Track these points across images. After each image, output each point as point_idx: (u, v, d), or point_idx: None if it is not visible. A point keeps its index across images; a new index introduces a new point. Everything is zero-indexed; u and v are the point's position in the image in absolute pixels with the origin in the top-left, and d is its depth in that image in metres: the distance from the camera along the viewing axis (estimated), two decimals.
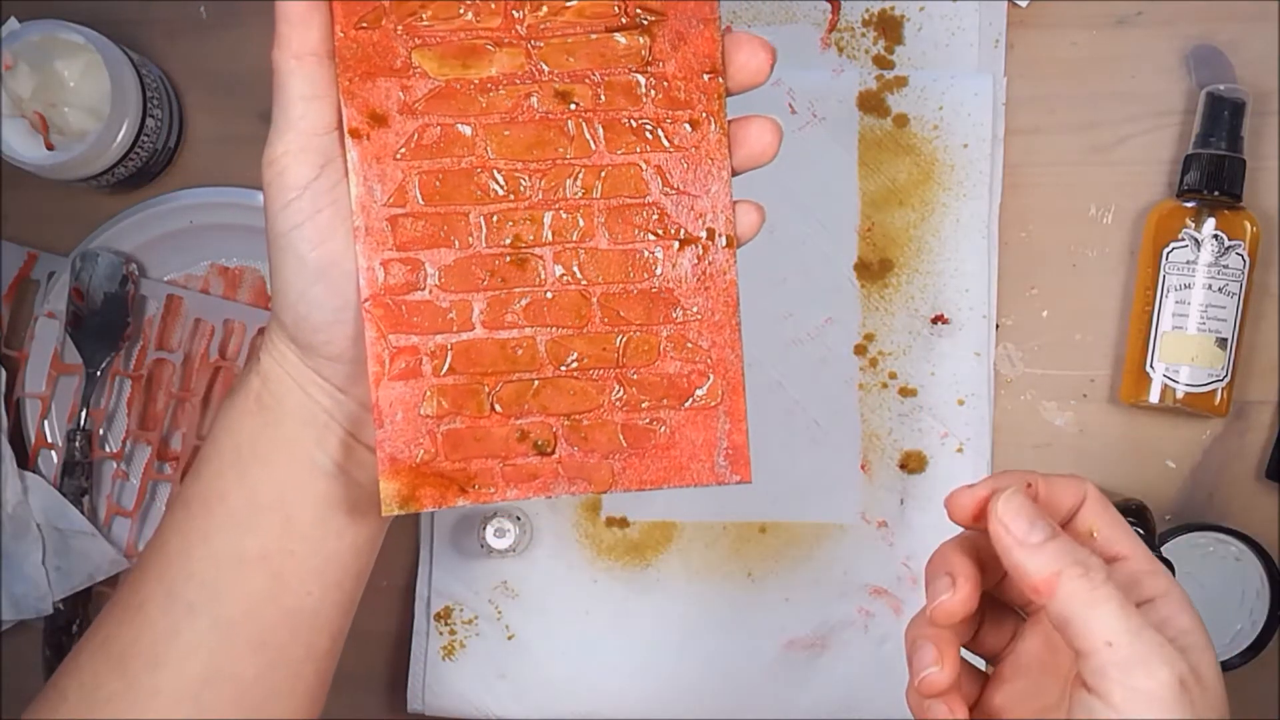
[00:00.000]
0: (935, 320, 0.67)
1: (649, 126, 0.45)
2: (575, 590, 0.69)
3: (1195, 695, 0.38)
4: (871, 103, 0.67)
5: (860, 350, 0.68)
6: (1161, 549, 0.59)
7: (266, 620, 0.47)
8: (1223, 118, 0.64)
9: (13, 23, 0.64)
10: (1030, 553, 0.39)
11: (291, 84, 0.43)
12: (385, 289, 0.45)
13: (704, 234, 0.46)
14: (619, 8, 0.44)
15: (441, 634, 0.69)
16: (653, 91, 0.45)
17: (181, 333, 0.70)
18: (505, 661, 0.69)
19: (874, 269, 0.67)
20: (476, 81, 0.44)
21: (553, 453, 0.47)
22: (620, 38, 0.45)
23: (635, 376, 0.47)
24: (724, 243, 0.46)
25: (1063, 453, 0.68)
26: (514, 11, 0.44)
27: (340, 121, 0.44)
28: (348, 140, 0.44)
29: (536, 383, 0.46)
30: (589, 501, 0.69)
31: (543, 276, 0.46)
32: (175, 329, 0.70)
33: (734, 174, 0.45)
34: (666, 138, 0.45)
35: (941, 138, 0.67)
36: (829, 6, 0.68)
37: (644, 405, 0.46)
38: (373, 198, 0.44)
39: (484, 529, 0.66)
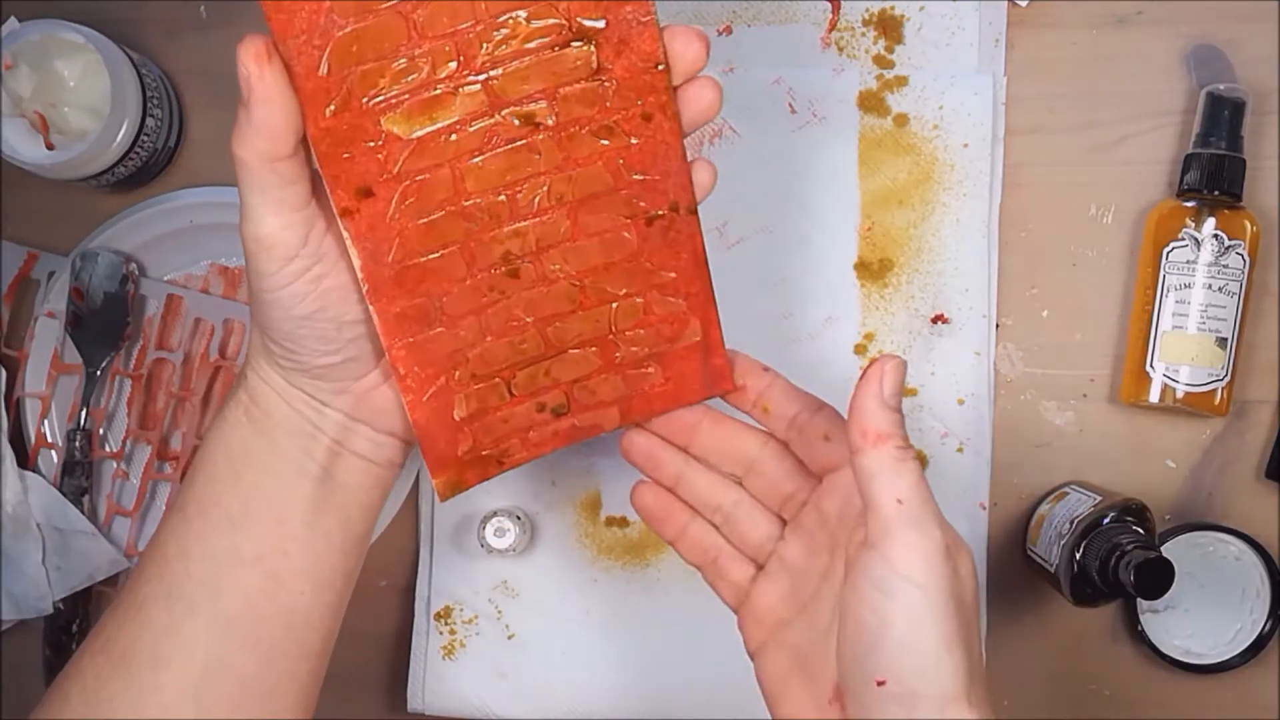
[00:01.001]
0: (935, 320, 0.67)
1: (604, 128, 0.48)
2: (575, 590, 0.69)
3: (957, 562, 0.44)
4: (871, 102, 0.67)
5: (860, 350, 0.68)
6: (1161, 549, 0.59)
7: (263, 618, 0.48)
8: (1223, 117, 0.64)
9: (13, 22, 0.64)
10: (885, 409, 0.45)
11: (263, 178, 0.43)
12: (403, 334, 0.49)
13: (669, 208, 0.50)
14: (563, 25, 0.46)
15: (441, 633, 0.69)
16: (605, 94, 0.47)
17: (181, 332, 0.70)
18: (505, 661, 0.69)
19: (874, 268, 0.67)
20: (443, 129, 0.46)
21: (568, 413, 0.53)
22: (568, 52, 0.46)
23: (628, 336, 0.52)
24: (686, 211, 0.50)
25: (1063, 452, 0.68)
26: (467, 53, 0.45)
27: (314, 187, 0.45)
28: (340, 220, 0.46)
29: (545, 364, 0.52)
30: (589, 501, 0.69)
31: (535, 279, 0.50)
32: (175, 328, 0.70)
33: (685, 134, 0.48)
34: (625, 133, 0.48)
35: (941, 137, 0.67)
36: (829, 6, 0.68)
37: (640, 354, 0.52)
38: (375, 262, 0.47)
39: (484, 529, 0.66)
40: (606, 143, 0.48)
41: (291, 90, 0.42)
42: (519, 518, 0.67)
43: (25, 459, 0.69)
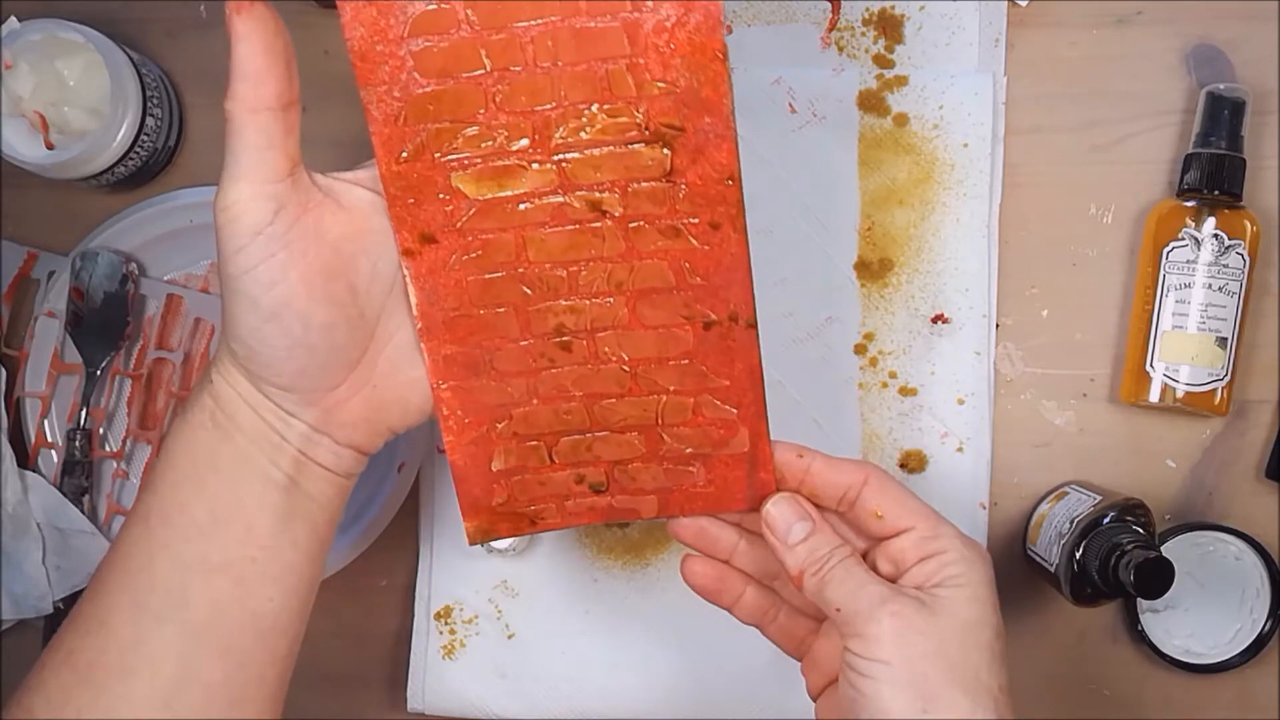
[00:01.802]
0: (935, 319, 0.67)
1: (673, 228, 0.49)
2: (575, 590, 0.69)
3: (920, 626, 0.46)
4: (871, 102, 0.67)
5: (860, 349, 0.68)
6: (1161, 548, 0.59)
7: (231, 625, 0.48)
8: (1223, 117, 0.64)
9: (13, 22, 0.64)
10: (786, 552, 0.50)
11: (246, 134, 0.44)
12: (451, 375, 0.50)
13: (727, 318, 0.50)
14: (640, 124, 0.47)
15: (442, 633, 0.69)
16: (676, 197, 0.48)
17: (181, 332, 0.70)
18: (505, 660, 0.69)
19: (874, 268, 0.67)
20: (512, 197, 0.48)
21: (606, 491, 0.53)
22: (643, 151, 0.47)
23: (674, 432, 0.52)
24: (745, 324, 0.50)
25: (1063, 452, 0.68)
26: (541, 133, 0.47)
27: (293, 169, 0.46)
28: (402, 259, 0.48)
29: (588, 438, 0.52)
30: None
31: (587, 356, 0.51)
32: (175, 328, 0.70)
33: None
34: (691, 237, 0.49)
35: (941, 137, 0.67)
36: (829, 6, 0.68)
37: (685, 451, 0.52)
38: (431, 304, 0.49)
39: None
40: (672, 243, 0.49)
41: (277, 37, 0.44)
42: None
43: (25, 458, 0.69)
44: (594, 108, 0.47)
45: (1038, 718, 0.68)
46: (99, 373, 0.69)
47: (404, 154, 0.47)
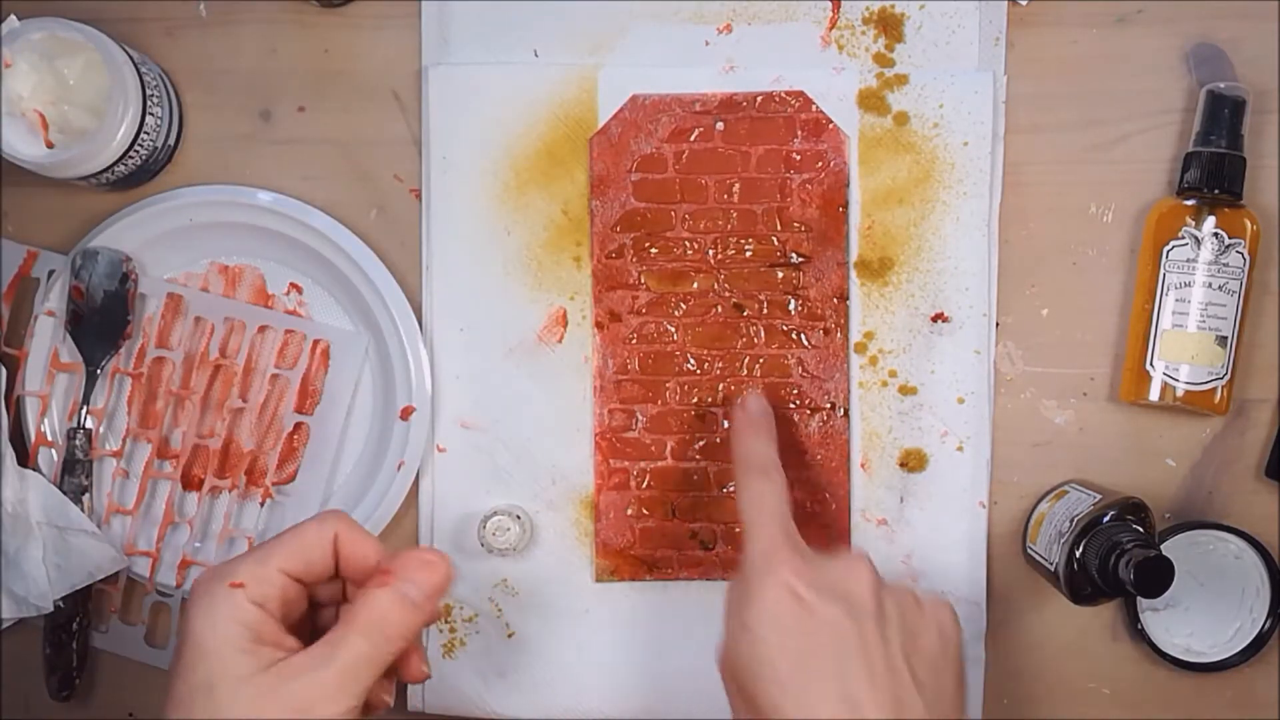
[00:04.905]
0: (935, 318, 0.67)
1: (794, 331, 0.66)
2: (575, 589, 0.69)
3: None
4: (871, 101, 0.67)
5: (860, 348, 0.68)
6: (1161, 547, 0.59)
7: None
8: (1223, 116, 0.64)
9: (13, 20, 0.64)
10: None
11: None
12: (609, 429, 0.66)
13: (828, 406, 0.66)
14: (779, 252, 0.65)
15: (441, 631, 0.69)
16: (799, 308, 0.65)
17: (181, 331, 0.70)
18: (505, 659, 0.69)
19: (874, 267, 0.67)
20: (680, 294, 0.66)
21: (713, 549, 0.67)
22: (779, 272, 0.65)
23: None
24: (841, 413, 0.66)
25: (1062, 451, 0.68)
26: (709, 251, 0.65)
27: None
28: (593, 330, 0.66)
29: (705, 499, 0.66)
30: (588, 500, 0.69)
31: (715, 427, 0.66)
32: (175, 327, 0.70)
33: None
34: (806, 340, 0.66)
35: (941, 136, 0.67)
36: (829, 4, 0.68)
37: None
38: (606, 367, 0.66)
39: (484, 528, 0.66)
40: (792, 343, 0.65)
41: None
42: (519, 517, 0.67)
43: (25, 457, 0.69)
44: (748, 240, 0.65)
45: (1038, 718, 0.68)
46: (99, 372, 0.69)
47: (611, 251, 0.65)
